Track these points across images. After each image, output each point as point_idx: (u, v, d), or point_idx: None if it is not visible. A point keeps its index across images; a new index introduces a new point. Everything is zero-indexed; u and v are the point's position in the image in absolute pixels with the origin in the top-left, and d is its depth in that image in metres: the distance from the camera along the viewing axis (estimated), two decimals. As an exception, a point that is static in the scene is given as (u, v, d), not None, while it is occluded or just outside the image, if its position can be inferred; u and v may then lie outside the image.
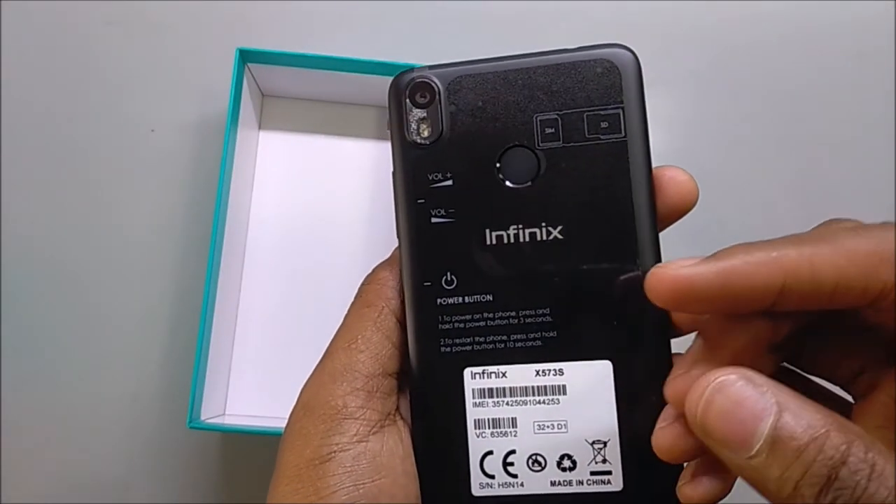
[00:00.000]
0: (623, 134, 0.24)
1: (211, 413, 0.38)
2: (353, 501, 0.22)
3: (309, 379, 0.24)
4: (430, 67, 0.25)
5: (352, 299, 0.26)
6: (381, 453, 0.23)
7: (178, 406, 0.40)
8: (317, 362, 0.25)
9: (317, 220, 0.42)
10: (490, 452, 0.24)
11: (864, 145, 0.45)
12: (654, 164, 0.24)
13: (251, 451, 0.41)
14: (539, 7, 0.45)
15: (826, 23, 0.46)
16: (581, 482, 0.23)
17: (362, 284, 0.26)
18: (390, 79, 0.25)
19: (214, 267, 0.37)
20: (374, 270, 0.26)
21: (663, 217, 0.24)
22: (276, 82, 0.42)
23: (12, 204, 0.43)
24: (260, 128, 0.43)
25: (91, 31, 0.44)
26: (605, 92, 0.24)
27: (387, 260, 0.26)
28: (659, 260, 0.23)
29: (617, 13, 0.46)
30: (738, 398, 0.18)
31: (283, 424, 0.24)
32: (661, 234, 0.24)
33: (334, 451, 0.23)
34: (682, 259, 0.20)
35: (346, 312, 0.25)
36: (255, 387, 0.41)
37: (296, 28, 0.45)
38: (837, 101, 0.45)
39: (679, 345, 0.24)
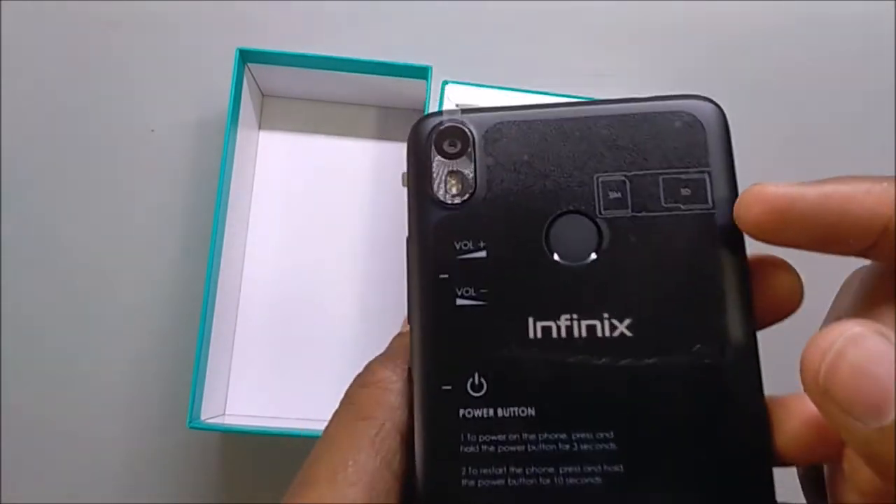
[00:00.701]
0: (710, 204, 0.18)
1: (211, 413, 0.38)
2: None
3: None
4: (464, 111, 0.20)
5: (346, 390, 0.20)
6: None
7: (178, 406, 0.40)
8: (291, 487, 0.18)
9: (317, 220, 0.42)
10: None
11: (865, 145, 0.45)
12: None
13: (251, 451, 0.41)
14: (544, 7, 0.45)
15: (826, 23, 0.46)
16: None
17: (354, 386, 0.19)
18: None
19: (214, 266, 0.37)
20: (368, 367, 0.20)
21: (759, 314, 0.19)
22: (276, 82, 0.42)
23: (12, 204, 0.43)
24: (260, 128, 0.43)
25: (91, 31, 0.44)
26: (687, 151, 0.19)
27: (386, 353, 0.20)
28: (758, 372, 0.18)
29: (617, 15, 0.46)
30: (874, 353, 0.15)
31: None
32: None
33: None
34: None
35: (329, 421, 0.19)
36: (255, 387, 0.41)
37: (296, 28, 0.45)
38: (837, 100, 0.45)
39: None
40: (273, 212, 0.43)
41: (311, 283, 0.42)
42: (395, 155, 0.43)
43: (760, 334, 0.18)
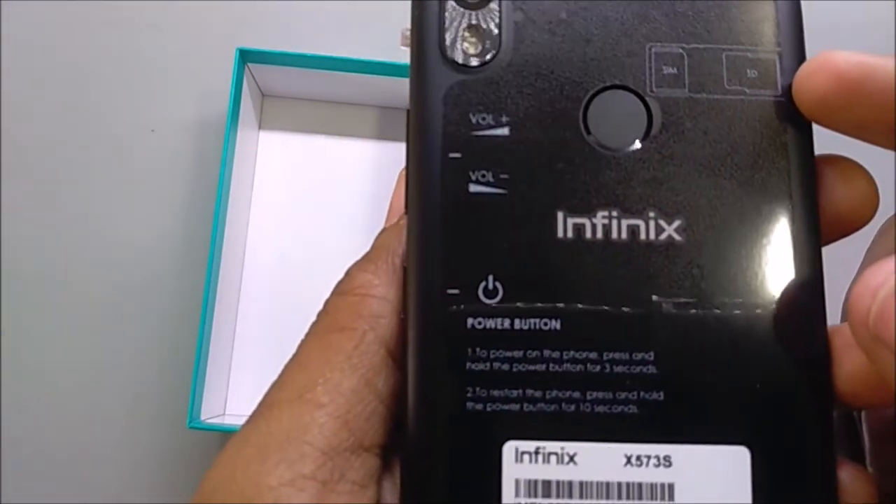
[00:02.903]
0: (778, 91, 0.16)
1: (211, 413, 0.38)
2: None
3: (223, 450, 0.15)
4: None
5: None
6: None
7: (178, 406, 0.40)
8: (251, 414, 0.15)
9: (317, 220, 0.42)
10: None
11: (864, 145, 0.45)
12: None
13: (251, 451, 0.41)
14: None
15: (826, 23, 0.46)
16: None
17: (330, 295, 0.16)
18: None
19: (214, 267, 0.37)
20: (347, 272, 0.16)
21: (824, 227, 0.16)
22: (276, 82, 0.42)
23: (11, 203, 0.42)
24: (260, 128, 0.43)
25: (90, 30, 0.44)
26: (756, 27, 0.16)
27: (368, 254, 0.16)
28: (822, 295, 0.15)
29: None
30: None
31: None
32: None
33: None
34: None
35: (302, 339, 0.16)
36: (255, 387, 0.41)
37: (296, 28, 0.45)
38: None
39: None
40: (273, 212, 0.43)
41: (312, 282, 0.42)
42: (395, 155, 0.43)
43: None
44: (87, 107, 0.43)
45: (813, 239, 0.15)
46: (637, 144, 0.16)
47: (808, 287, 0.15)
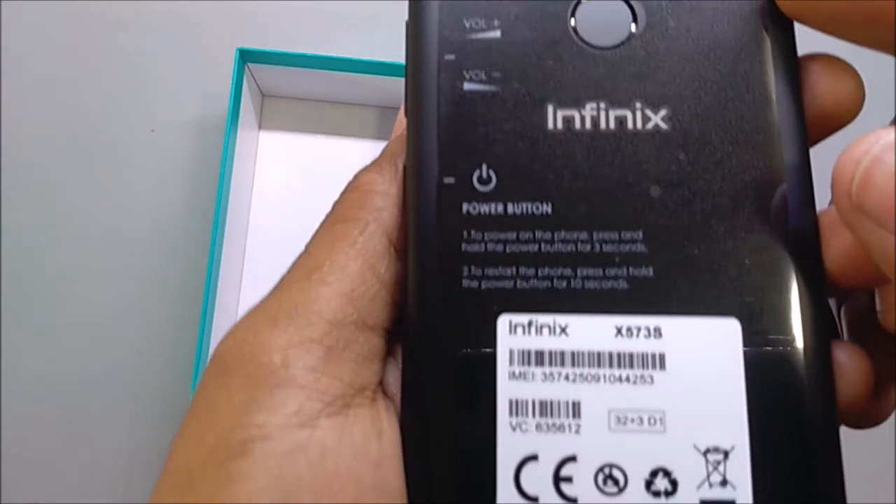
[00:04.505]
0: None
1: (211, 413, 0.38)
2: None
3: (235, 323, 0.16)
4: None
5: None
6: (339, 450, 0.14)
7: (179, 406, 0.40)
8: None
9: (317, 221, 0.42)
10: (533, 458, 0.15)
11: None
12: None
13: (251, 451, 0.41)
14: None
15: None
16: None
17: (338, 197, 0.17)
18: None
19: (214, 266, 0.37)
20: (354, 176, 0.17)
21: (809, 123, 0.16)
22: (276, 82, 0.42)
23: (11, 203, 0.43)
24: (260, 128, 0.43)
25: (90, 30, 0.44)
26: None
27: (375, 160, 0.17)
28: (809, 176, 0.16)
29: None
30: None
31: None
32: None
33: (254, 439, 0.14)
34: None
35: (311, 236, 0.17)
36: (255, 387, 0.41)
37: (296, 28, 0.45)
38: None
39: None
40: (273, 212, 0.43)
41: (311, 283, 0.42)
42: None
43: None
44: (88, 107, 0.43)
45: (798, 123, 0.16)
46: (623, 42, 0.16)
47: (795, 167, 0.16)
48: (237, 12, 0.45)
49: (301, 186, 0.43)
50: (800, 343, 0.15)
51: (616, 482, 0.14)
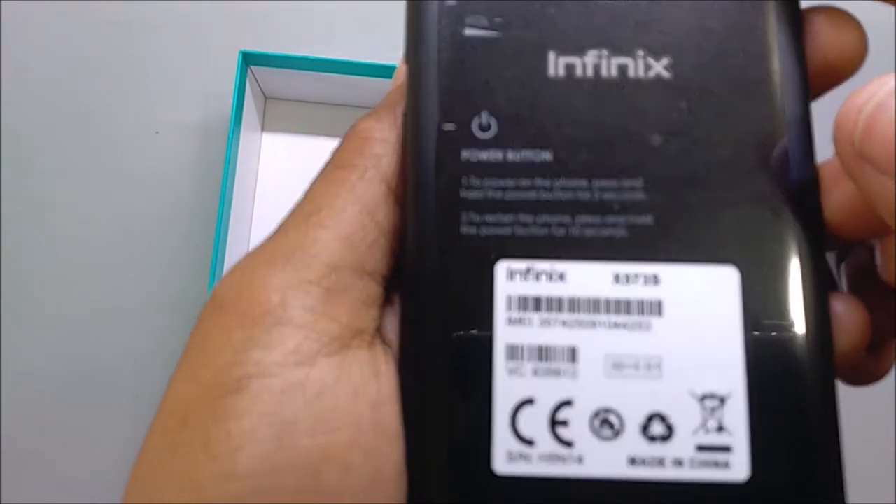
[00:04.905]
0: None
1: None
2: (272, 471, 0.13)
3: (232, 266, 0.16)
4: None
5: None
6: (337, 389, 0.14)
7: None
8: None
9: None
10: (530, 401, 0.15)
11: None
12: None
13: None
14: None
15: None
16: (680, 462, 0.14)
17: (338, 144, 0.17)
18: None
19: (218, 268, 0.37)
20: (353, 124, 0.17)
21: (812, 75, 0.16)
22: (278, 85, 0.42)
23: (13, 205, 0.43)
24: (263, 130, 0.44)
25: (94, 32, 0.44)
26: None
27: (377, 107, 0.17)
28: (810, 126, 0.16)
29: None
30: None
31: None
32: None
33: (250, 376, 0.13)
34: None
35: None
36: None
37: (299, 31, 0.45)
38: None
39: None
40: (276, 214, 0.42)
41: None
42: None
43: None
44: (91, 109, 0.44)
45: (800, 73, 0.16)
46: None
47: (796, 117, 0.16)
48: (240, 15, 0.45)
49: (304, 188, 0.43)
50: (798, 292, 0.15)
51: (612, 427, 0.15)
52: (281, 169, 0.43)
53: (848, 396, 0.16)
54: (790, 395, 0.14)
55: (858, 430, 0.17)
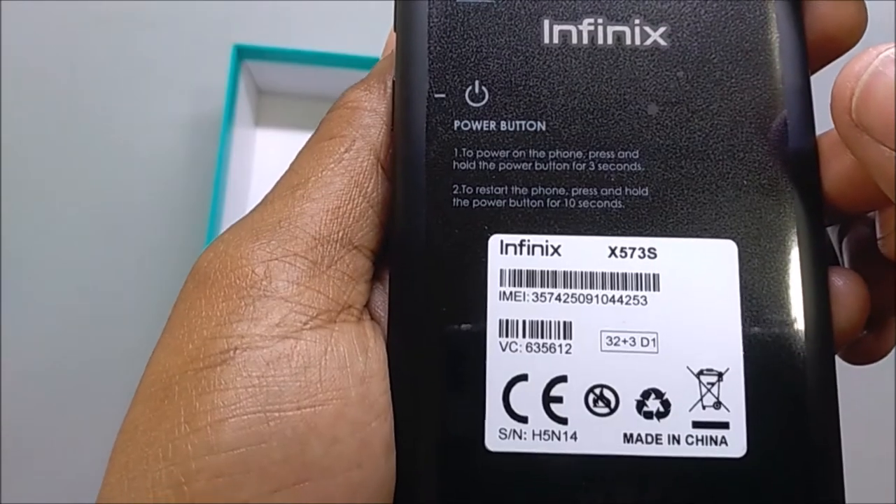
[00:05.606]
0: None
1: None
2: (257, 443, 0.13)
3: (216, 239, 0.15)
4: None
5: None
6: (324, 362, 0.14)
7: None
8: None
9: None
10: (523, 378, 0.14)
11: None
12: None
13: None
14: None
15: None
16: (676, 439, 0.14)
17: (326, 115, 0.16)
18: None
19: (210, 265, 0.37)
20: (342, 94, 0.16)
21: (811, 47, 0.16)
22: (272, 79, 0.42)
23: (8, 202, 0.42)
24: (256, 125, 0.43)
25: (86, 28, 0.44)
26: None
27: (366, 77, 0.16)
28: (809, 97, 0.15)
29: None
30: None
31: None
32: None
33: (235, 348, 0.13)
34: None
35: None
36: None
37: (292, 24, 0.44)
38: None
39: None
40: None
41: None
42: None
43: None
44: (84, 104, 0.43)
45: (799, 44, 0.15)
46: None
47: (795, 88, 0.15)
48: (233, 8, 0.44)
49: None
50: (797, 266, 0.15)
51: (607, 403, 0.14)
52: (275, 165, 0.42)
53: (848, 397, 0.16)
54: (789, 372, 0.14)
55: (858, 430, 0.16)
